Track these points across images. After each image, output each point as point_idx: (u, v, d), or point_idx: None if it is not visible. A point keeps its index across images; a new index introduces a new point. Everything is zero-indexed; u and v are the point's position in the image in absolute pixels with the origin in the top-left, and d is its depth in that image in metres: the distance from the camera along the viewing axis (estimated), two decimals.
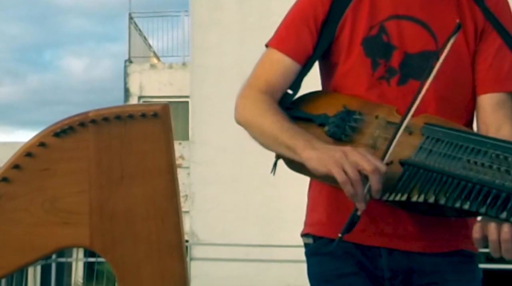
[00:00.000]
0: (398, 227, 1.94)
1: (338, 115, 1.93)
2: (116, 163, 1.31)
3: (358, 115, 1.92)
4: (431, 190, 1.71)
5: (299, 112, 2.00)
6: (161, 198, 1.32)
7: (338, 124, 1.91)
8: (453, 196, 1.68)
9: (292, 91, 2.04)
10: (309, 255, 2.09)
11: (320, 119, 1.95)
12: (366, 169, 1.70)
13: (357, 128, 1.91)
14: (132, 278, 1.32)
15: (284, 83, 2.02)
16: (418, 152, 1.81)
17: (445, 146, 1.80)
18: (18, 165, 1.31)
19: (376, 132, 1.89)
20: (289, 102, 2.02)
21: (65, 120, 1.32)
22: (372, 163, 1.71)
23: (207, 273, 10.18)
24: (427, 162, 1.77)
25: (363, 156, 1.72)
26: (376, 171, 1.71)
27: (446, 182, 1.71)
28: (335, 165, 1.72)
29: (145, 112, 1.32)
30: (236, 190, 10.83)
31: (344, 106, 1.94)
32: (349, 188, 1.71)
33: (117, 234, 1.31)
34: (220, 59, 11.03)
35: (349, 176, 1.71)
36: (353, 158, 1.72)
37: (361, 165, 1.71)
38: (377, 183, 1.71)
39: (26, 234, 1.32)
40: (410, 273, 1.96)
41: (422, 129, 1.85)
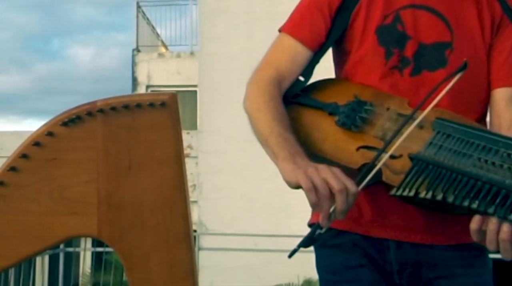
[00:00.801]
0: (407, 219, 1.93)
1: (348, 105, 1.91)
2: (124, 153, 1.31)
3: (369, 106, 1.90)
4: (440, 186, 1.69)
5: (309, 100, 1.98)
6: (169, 187, 1.32)
7: (348, 115, 1.90)
8: (462, 194, 1.66)
9: (303, 78, 2.02)
10: (317, 247, 2.08)
11: (330, 108, 1.93)
12: (334, 187, 1.65)
13: (368, 120, 1.89)
14: (140, 268, 1.32)
15: (296, 69, 2.01)
16: (428, 146, 1.79)
17: (455, 142, 1.78)
18: (26, 154, 1.31)
19: (386, 124, 1.87)
20: (300, 89, 2.01)
21: (72, 109, 1.31)
22: (341, 182, 1.67)
23: (216, 263, 10.19)
24: (437, 158, 1.75)
25: (334, 174, 1.68)
26: (343, 191, 1.66)
27: (455, 179, 1.69)
28: (304, 176, 1.68)
29: (153, 101, 1.31)
30: (244, 179, 10.84)
31: (355, 96, 1.93)
32: (312, 195, 1.67)
33: (125, 224, 1.31)
34: (228, 48, 11.02)
35: (317, 187, 1.66)
36: (324, 174, 1.68)
37: (330, 182, 1.66)
38: (343, 203, 1.66)
39: (34, 223, 1.32)
40: (418, 266, 1.95)
41: (433, 124, 1.83)
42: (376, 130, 1.87)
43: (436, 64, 1.92)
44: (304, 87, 2.03)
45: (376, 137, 1.85)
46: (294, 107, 1.98)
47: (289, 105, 1.97)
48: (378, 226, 1.95)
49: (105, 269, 8.50)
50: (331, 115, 1.93)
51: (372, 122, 1.89)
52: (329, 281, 2.05)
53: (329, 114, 1.93)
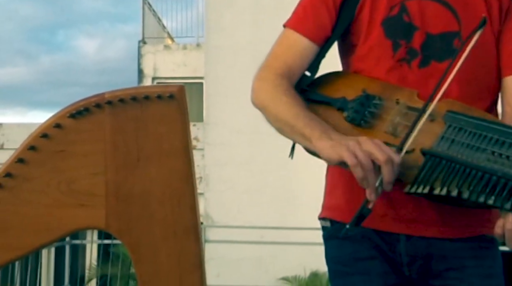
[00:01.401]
0: (417, 212, 1.92)
1: (357, 100, 1.89)
2: (132, 145, 1.31)
3: (378, 101, 1.88)
4: (454, 182, 1.67)
5: (317, 95, 1.97)
6: (177, 179, 1.32)
7: (357, 110, 1.88)
8: (477, 190, 1.65)
9: (310, 73, 2.01)
10: (327, 238, 2.07)
11: (339, 103, 1.92)
12: (379, 159, 1.67)
13: (377, 114, 1.87)
14: (148, 260, 1.32)
15: (302, 65, 2.00)
16: (440, 141, 1.77)
17: (468, 136, 1.76)
18: (34, 146, 1.31)
19: (396, 119, 1.85)
20: (307, 84, 2.00)
21: (80, 101, 1.31)
22: (385, 153, 1.68)
23: (222, 255, 10.20)
24: (450, 152, 1.74)
25: (377, 145, 1.69)
26: (389, 161, 1.67)
27: (469, 174, 1.67)
28: (347, 151, 1.69)
29: (161, 93, 1.31)
30: (251, 171, 10.83)
31: (364, 91, 1.91)
32: (359, 171, 1.68)
33: (133, 216, 1.31)
34: (235, 40, 11.00)
35: (361, 162, 1.67)
36: (367, 147, 1.69)
37: (374, 154, 1.68)
38: (390, 174, 1.68)
39: (42, 215, 1.32)
40: (428, 259, 1.94)
41: (444, 117, 1.82)
42: (386, 125, 1.86)
43: (445, 55, 1.91)
44: (311, 81, 2.02)
45: (387, 133, 1.84)
46: None
47: None
48: (389, 220, 1.94)
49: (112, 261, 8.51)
50: (340, 110, 1.91)
51: (382, 117, 1.87)
52: (339, 272, 2.05)
53: (338, 110, 1.92)
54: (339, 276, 2.05)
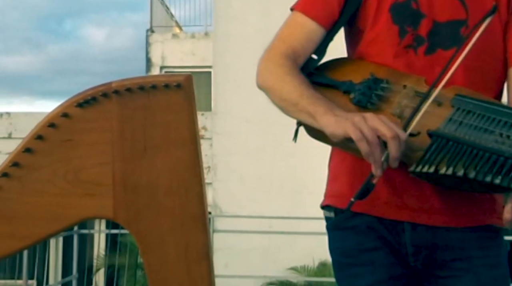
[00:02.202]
0: (423, 200, 1.92)
1: (364, 83, 1.89)
2: (139, 134, 1.30)
3: (386, 84, 1.88)
4: (461, 162, 1.67)
5: (323, 78, 1.97)
6: (185, 169, 1.31)
7: (364, 92, 1.88)
8: (484, 170, 1.65)
9: (316, 56, 2.01)
10: (331, 229, 2.07)
11: (345, 86, 1.92)
12: (386, 134, 1.67)
13: (384, 97, 1.87)
14: (156, 250, 1.31)
15: (309, 48, 1.99)
16: (447, 123, 1.77)
17: (476, 118, 1.76)
18: (41, 135, 1.30)
19: (403, 101, 1.85)
20: (313, 68, 2.00)
21: (88, 91, 1.31)
22: (391, 128, 1.68)
23: (230, 245, 10.22)
24: (457, 134, 1.74)
25: (383, 121, 1.69)
26: (396, 137, 1.67)
27: (476, 155, 1.67)
28: (352, 125, 1.69)
29: (168, 82, 1.31)
30: (259, 161, 10.84)
31: (371, 74, 1.91)
32: (364, 145, 1.67)
33: (141, 206, 1.31)
34: (243, 28, 10.99)
35: (366, 137, 1.67)
36: (373, 122, 1.69)
37: (380, 130, 1.67)
38: (396, 149, 1.67)
39: (49, 205, 1.31)
40: (434, 249, 1.94)
41: (452, 101, 1.82)
42: (393, 107, 1.85)
43: (451, 43, 1.91)
44: (317, 66, 2.02)
45: (394, 115, 1.84)
46: None
47: None
48: (394, 207, 1.94)
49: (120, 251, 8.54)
50: (346, 93, 1.91)
51: (389, 100, 1.87)
52: (343, 263, 2.05)
53: (344, 93, 1.92)
54: (343, 268, 2.05)
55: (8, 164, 1.31)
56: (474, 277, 1.93)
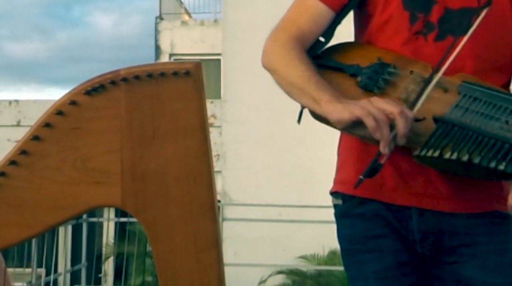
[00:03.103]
0: (429, 186, 1.92)
1: (371, 67, 1.89)
2: (148, 122, 1.30)
3: (393, 69, 1.88)
4: (465, 148, 1.68)
5: (330, 61, 1.96)
6: (194, 157, 1.31)
7: (371, 76, 1.87)
8: (488, 156, 1.65)
9: (324, 39, 2.00)
10: (339, 217, 2.07)
11: (352, 69, 1.91)
12: (393, 111, 1.67)
13: (391, 82, 1.87)
14: (165, 239, 1.31)
15: (317, 30, 1.98)
16: (453, 109, 1.77)
17: (482, 105, 1.76)
18: (49, 123, 1.30)
19: (410, 87, 1.85)
20: (321, 51, 1.99)
21: (96, 78, 1.30)
22: (398, 106, 1.69)
23: (240, 234, 10.24)
24: (463, 120, 1.74)
25: (388, 101, 1.70)
26: (402, 112, 1.67)
27: (481, 141, 1.68)
28: (359, 107, 1.70)
29: (177, 70, 1.30)
30: (269, 149, 10.85)
31: (379, 59, 1.90)
32: (372, 121, 1.68)
33: (149, 194, 1.30)
34: (253, 15, 10.97)
35: (374, 115, 1.67)
36: (378, 103, 1.70)
37: (387, 109, 1.68)
38: (403, 126, 1.68)
39: (57, 193, 1.31)
40: (441, 235, 1.94)
41: (459, 88, 1.81)
42: (399, 92, 1.85)
43: (462, 30, 1.89)
44: (325, 49, 2.01)
45: (400, 99, 1.83)
46: None
47: None
48: (401, 193, 1.94)
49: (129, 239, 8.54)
50: (353, 76, 1.91)
51: (396, 85, 1.87)
52: (351, 250, 2.05)
53: (351, 76, 1.91)
54: (351, 255, 2.05)
55: (16, 152, 1.30)
56: (481, 263, 1.93)
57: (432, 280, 1.99)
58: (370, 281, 1.98)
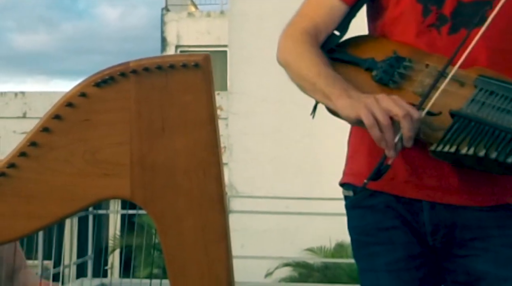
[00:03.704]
0: (441, 179, 1.91)
1: (386, 61, 1.88)
2: (157, 114, 1.30)
3: (408, 63, 1.87)
4: (482, 143, 1.67)
5: (345, 55, 1.96)
6: (202, 149, 1.31)
7: (386, 70, 1.87)
8: (506, 151, 1.64)
9: (338, 32, 2.00)
10: (349, 208, 2.07)
11: (367, 63, 1.91)
12: (398, 113, 1.66)
13: (406, 76, 1.86)
14: (173, 231, 1.31)
15: (331, 24, 1.98)
16: (470, 103, 1.76)
17: (499, 99, 1.75)
18: (59, 115, 1.30)
19: (425, 80, 1.84)
20: (335, 44, 1.98)
21: (105, 70, 1.30)
22: (404, 108, 1.67)
23: (246, 226, 10.23)
24: (479, 115, 1.72)
25: (395, 101, 1.68)
26: (408, 116, 1.66)
27: (498, 136, 1.67)
28: (365, 109, 1.68)
29: (186, 62, 1.30)
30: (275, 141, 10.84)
31: (394, 52, 1.89)
32: (376, 131, 1.67)
33: (158, 186, 1.30)
34: (259, 6, 10.95)
35: (378, 119, 1.66)
36: (385, 103, 1.68)
37: (392, 110, 1.67)
38: (408, 128, 1.66)
39: (67, 184, 1.31)
40: (452, 228, 1.93)
41: (475, 81, 1.80)
42: (415, 86, 1.84)
43: (475, 23, 1.88)
44: (339, 42, 2.00)
45: (415, 94, 1.83)
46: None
47: None
48: (412, 186, 1.93)
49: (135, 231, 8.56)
50: (368, 71, 1.90)
51: (411, 79, 1.86)
52: (361, 242, 2.05)
53: (366, 70, 1.91)
54: (362, 246, 2.05)
55: (26, 143, 1.31)
56: (493, 256, 1.92)
57: (443, 273, 1.99)
58: (380, 273, 1.98)
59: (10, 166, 1.30)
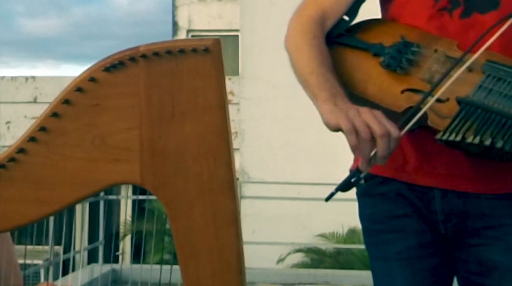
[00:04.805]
0: (454, 167, 1.89)
1: (394, 46, 1.87)
2: (167, 99, 1.29)
3: (416, 48, 1.86)
4: (488, 131, 1.65)
5: (353, 40, 1.95)
6: (213, 135, 1.30)
7: (394, 56, 1.85)
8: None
9: (348, 17, 1.98)
10: (360, 196, 2.06)
11: (375, 49, 1.89)
12: (376, 131, 1.63)
13: (414, 61, 1.84)
14: (184, 216, 1.31)
15: (340, 8, 1.97)
16: (477, 90, 1.75)
17: (506, 86, 1.73)
18: (68, 100, 1.30)
19: (433, 67, 1.82)
20: (344, 29, 1.97)
21: (115, 55, 1.30)
22: (383, 126, 1.64)
23: (258, 212, 10.25)
24: (486, 102, 1.71)
25: (376, 117, 1.65)
26: (384, 136, 1.63)
27: (505, 124, 1.65)
28: (345, 118, 1.66)
29: (196, 47, 1.29)
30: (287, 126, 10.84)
31: (402, 37, 1.88)
32: (353, 138, 1.64)
33: (169, 172, 1.30)
34: None
35: (358, 129, 1.63)
36: (365, 117, 1.65)
37: (371, 126, 1.63)
38: (384, 148, 1.63)
39: (76, 170, 1.31)
40: (465, 216, 1.91)
41: (483, 67, 1.78)
42: (423, 72, 1.83)
43: (488, 6, 1.87)
44: (348, 27, 1.99)
45: (423, 80, 1.81)
46: (337, 47, 1.95)
47: (332, 46, 1.94)
48: (424, 174, 1.92)
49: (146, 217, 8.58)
50: (376, 56, 1.89)
51: (419, 65, 1.84)
52: (372, 230, 2.04)
53: (374, 56, 1.90)
54: (373, 235, 2.04)
55: (36, 128, 1.30)
56: (505, 245, 1.91)
57: (455, 262, 1.98)
58: (392, 262, 1.97)
59: (19, 151, 1.30)
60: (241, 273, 1.32)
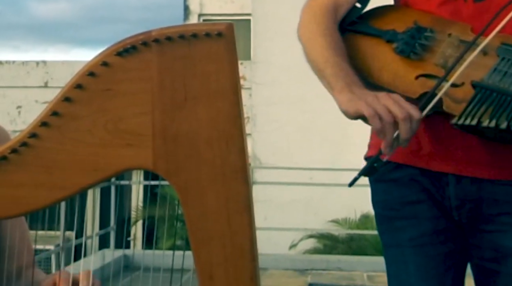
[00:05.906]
0: (469, 152, 1.88)
1: (407, 32, 1.86)
2: (180, 84, 1.28)
3: (429, 33, 1.84)
4: (504, 115, 1.64)
5: (366, 27, 1.94)
6: (225, 120, 1.29)
7: (407, 42, 1.84)
8: None
9: (360, 5, 1.97)
10: (373, 182, 2.05)
11: (388, 35, 1.88)
12: (397, 115, 1.63)
13: (428, 47, 1.83)
14: (196, 202, 1.30)
15: None
16: (492, 73, 1.73)
17: None
18: (81, 84, 1.29)
19: (447, 51, 1.81)
20: (357, 17, 1.96)
21: (127, 39, 1.29)
22: (404, 108, 1.64)
23: (270, 197, 10.25)
24: (501, 85, 1.70)
25: (396, 101, 1.65)
26: (407, 118, 1.63)
27: None
28: (365, 104, 1.66)
29: (209, 31, 1.28)
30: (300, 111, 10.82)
31: (415, 23, 1.87)
32: (377, 121, 1.64)
33: (181, 157, 1.29)
34: None
35: (379, 114, 1.63)
36: (385, 102, 1.65)
37: (392, 110, 1.63)
38: (407, 131, 1.64)
39: (89, 154, 1.30)
40: (479, 202, 1.90)
41: (497, 50, 1.77)
42: (437, 57, 1.82)
43: None
44: (361, 14, 1.98)
45: (437, 65, 1.80)
46: (350, 35, 1.94)
47: (345, 34, 1.93)
48: (438, 159, 1.91)
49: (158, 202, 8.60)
50: (389, 43, 1.88)
51: (433, 50, 1.83)
52: (385, 216, 2.03)
53: (387, 42, 1.88)
54: (386, 221, 2.03)
55: (48, 113, 1.30)
56: None
57: (468, 248, 1.97)
58: (405, 249, 1.96)
59: (31, 136, 1.30)
60: (253, 259, 1.32)
